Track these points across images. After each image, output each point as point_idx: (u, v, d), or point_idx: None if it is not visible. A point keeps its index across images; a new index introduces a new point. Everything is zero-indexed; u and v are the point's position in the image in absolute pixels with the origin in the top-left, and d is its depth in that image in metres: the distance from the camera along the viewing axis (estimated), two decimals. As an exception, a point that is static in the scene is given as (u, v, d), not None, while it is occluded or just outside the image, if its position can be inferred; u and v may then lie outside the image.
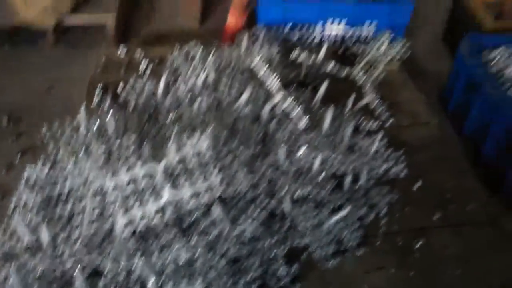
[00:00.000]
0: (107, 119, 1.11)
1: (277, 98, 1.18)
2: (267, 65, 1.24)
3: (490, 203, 1.33)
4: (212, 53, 1.52)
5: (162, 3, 2.29)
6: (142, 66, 1.63)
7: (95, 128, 1.12)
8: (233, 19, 2.06)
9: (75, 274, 0.90)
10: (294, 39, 1.94)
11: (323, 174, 1.18)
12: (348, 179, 1.24)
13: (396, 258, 1.15)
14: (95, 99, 1.44)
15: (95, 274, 0.96)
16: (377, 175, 1.31)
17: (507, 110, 1.46)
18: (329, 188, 1.18)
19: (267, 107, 1.17)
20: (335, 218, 1.12)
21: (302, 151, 1.10)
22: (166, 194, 0.88)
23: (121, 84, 1.48)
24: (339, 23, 1.93)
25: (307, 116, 1.19)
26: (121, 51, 1.73)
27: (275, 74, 1.23)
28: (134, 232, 0.92)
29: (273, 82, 1.20)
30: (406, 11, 1.92)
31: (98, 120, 1.13)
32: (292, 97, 1.33)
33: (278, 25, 1.93)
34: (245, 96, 1.15)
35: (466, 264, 1.15)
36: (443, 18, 2.26)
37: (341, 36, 1.96)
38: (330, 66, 1.67)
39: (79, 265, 0.91)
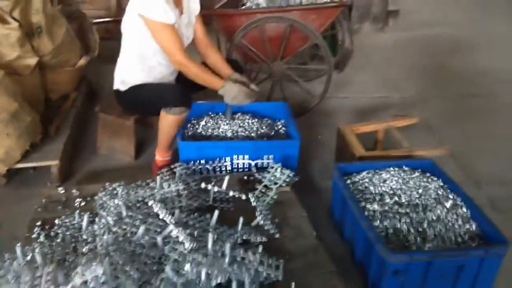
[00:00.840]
0: (36, 252, 1.45)
1: (170, 228, 1.56)
2: (162, 203, 1.63)
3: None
4: (130, 189, 1.93)
5: (101, 145, 2.74)
6: (76, 203, 2.01)
7: (27, 259, 1.45)
8: (159, 156, 2.52)
9: None
10: (208, 171, 2.38)
11: (210, 283, 1.52)
12: (234, 286, 1.58)
13: None
14: (34, 235, 1.78)
15: None
16: (259, 280, 1.66)
17: (362, 222, 1.88)
18: (214, 293, 1.51)
19: (161, 236, 1.55)
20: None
21: (187, 267, 1.46)
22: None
23: (56, 221, 1.84)
24: (243, 157, 2.40)
25: (193, 240, 1.56)
26: (60, 191, 2.11)
27: (171, 208, 1.64)
28: None
29: (167, 216, 1.59)
30: (295, 146, 2.42)
31: (30, 253, 1.47)
32: (188, 224, 1.73)
33: (195, 160, 2.38)
34: (141, 229, 1.53)
35: None
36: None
37: (246, 166, 2.42)
38: (232, 192, 2.09)
39: None
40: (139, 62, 2.35)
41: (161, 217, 1.58)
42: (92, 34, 3.32)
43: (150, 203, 1.62)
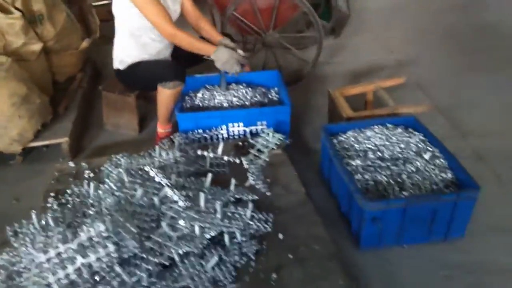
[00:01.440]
0: (49, 216, 1.67)
1: (165, 189, 1.75)
2: (158, 169, 1.82)
3: (331, 244, 1.85)
4: (132, 159, 2.13)
5: (107, 122, 2.94)
6: (85, 175, 2.22)
7: (41, 223, 1.66)
8: (160, 128, 2.70)
9: None
10: (206, 139, 2.55)
11: (203, 236, 1.71)
12: (226, 238, 1.77)
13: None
14: (48, 204, 2.00)
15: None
16: (250, 232, 1.84)
17: (344, 176, 2.04)
18: (208, 243, 1.70)
19: (158, 197, 1.74)
20: (212, 263, 1.63)
21: (181, 222, 1.65)
22: (79, 260, 1.41)
23: (67, 191, 2.06)
24: (238, 125, 2.56)
25: (187, 199, 1.75)
26: (71, 165, 2.32)
27: (169, 174, 1.85)
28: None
29: (163, 179, 1.78)
30: (286, 111, 2.56)
31: (45, 219, 1.69)
32: (184, 186, 1.92)
33: (193, 130, 2.55)
34: (140, 191, 1.72)
35: (308, 285, 1.64)
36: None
37: (241, 133, 2.59)
38: (227, 157, 2.26)
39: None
40: (132, 40, 2.51)
41: (156, 180, 1.77)
42: (92, 17, 3.47)
43: (146, 168, 1.80)
